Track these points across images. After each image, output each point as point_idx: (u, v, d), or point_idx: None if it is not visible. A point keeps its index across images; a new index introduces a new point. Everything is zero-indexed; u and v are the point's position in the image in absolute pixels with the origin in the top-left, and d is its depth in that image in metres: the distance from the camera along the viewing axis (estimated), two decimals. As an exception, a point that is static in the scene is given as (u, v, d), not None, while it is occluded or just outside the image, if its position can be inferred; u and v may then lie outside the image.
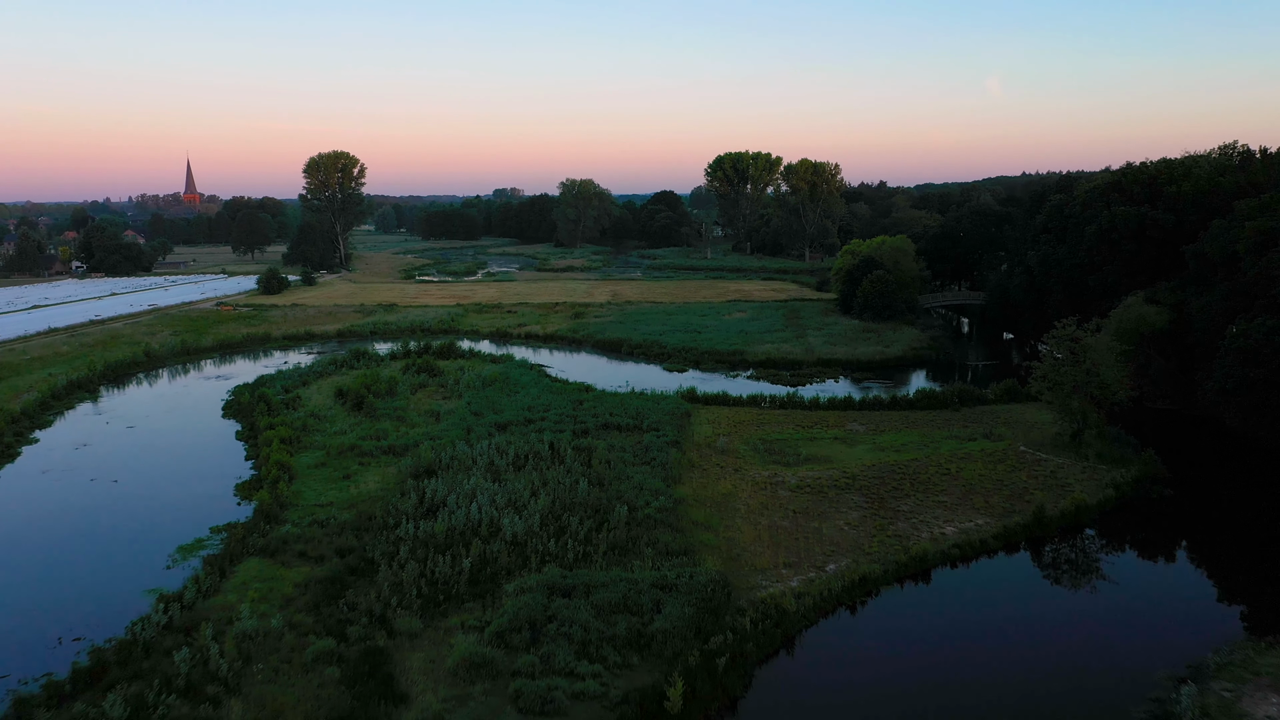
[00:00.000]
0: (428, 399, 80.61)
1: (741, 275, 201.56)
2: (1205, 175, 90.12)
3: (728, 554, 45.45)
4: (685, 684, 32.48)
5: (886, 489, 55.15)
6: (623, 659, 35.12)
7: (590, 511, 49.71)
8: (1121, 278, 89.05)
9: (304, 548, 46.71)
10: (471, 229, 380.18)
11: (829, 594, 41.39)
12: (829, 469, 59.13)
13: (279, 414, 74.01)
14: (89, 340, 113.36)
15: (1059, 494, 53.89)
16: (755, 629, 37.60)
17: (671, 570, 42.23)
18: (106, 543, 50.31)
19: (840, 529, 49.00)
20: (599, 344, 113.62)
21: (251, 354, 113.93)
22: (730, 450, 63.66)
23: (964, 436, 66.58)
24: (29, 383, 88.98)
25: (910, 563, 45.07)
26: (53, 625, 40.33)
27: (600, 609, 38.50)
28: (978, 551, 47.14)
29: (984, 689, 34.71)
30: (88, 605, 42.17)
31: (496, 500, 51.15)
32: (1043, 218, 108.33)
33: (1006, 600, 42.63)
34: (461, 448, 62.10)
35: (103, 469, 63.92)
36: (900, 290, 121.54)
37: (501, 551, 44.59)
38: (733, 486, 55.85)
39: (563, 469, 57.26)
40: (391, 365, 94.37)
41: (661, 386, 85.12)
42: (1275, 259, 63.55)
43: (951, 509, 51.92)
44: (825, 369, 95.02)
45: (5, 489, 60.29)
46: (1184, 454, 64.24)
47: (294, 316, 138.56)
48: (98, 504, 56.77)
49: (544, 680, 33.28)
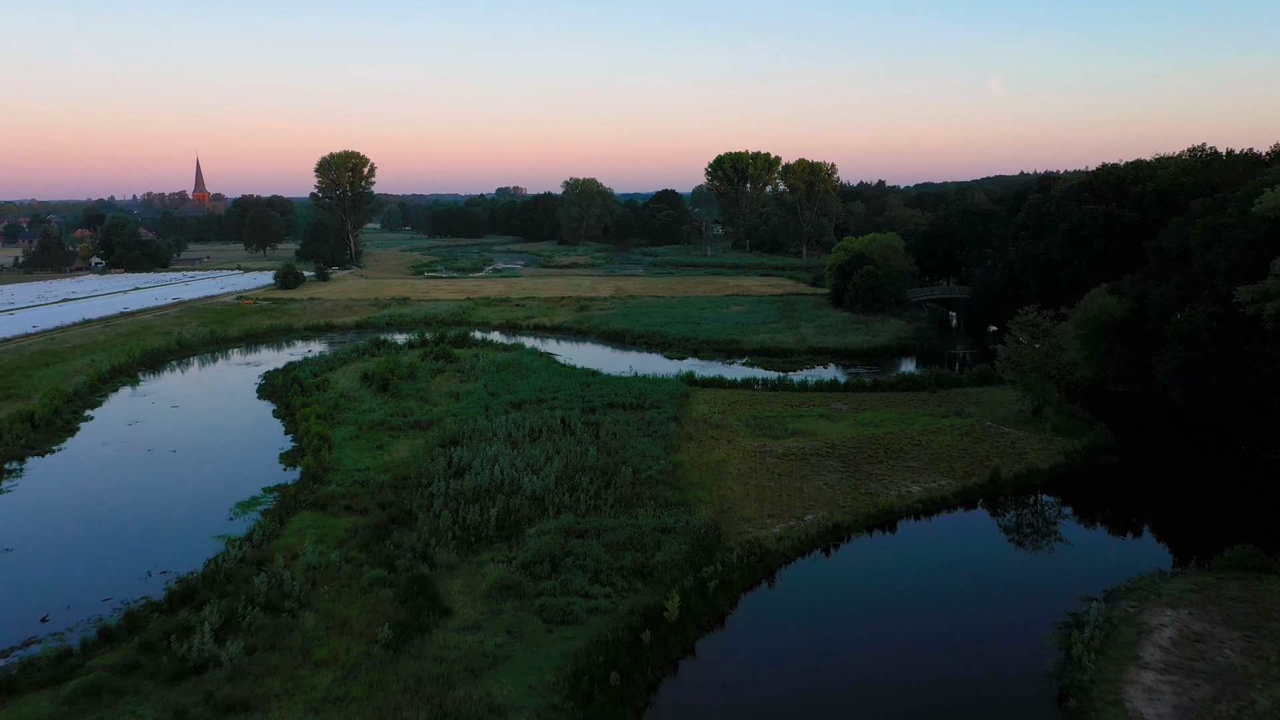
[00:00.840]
0: (446, 382, 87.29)
1: (740, 272, 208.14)
2: (1169, 176, 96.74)
3: (719, 507, 52.16)
4: (681, 601, 39.20)
5: (862, 457, 61.85)
6: (628, 584, 41.82)
7: (599, 473, 56.43)
8: (1090, 271, 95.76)
9: (349, 502, 53.45)
10: (476, 227, 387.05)
11: (806, 538, 48.14)
12: (812, 441, 65.82)
13: (311, 394, 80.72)
14: (123, 330, 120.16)
15: (1015, 460, 60.62)
16: (741, 563, 44.32)
17: (670, 518, 49.00)
18: (173, 500, 57.05)
19: (819, 488, 55.72)
20: (603, 334, 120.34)
21: (275, 344, 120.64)
22: (724, 425, 70.37)
23: (937, 414, 73.24)
24: (74, 368, 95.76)
25: (878, 514, 51.82)
26: (138, 564, 47.00)
27: (609, 547, 45.24)
28: (939, 507, 53.85)
29: (936, 611, 41.33)
30: (165, 548, 48.86)
31: (516, 464, 57.89)
32: (1022, 216, 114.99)
33: (960, 544, 49.36)
34: (482, 422, 68.88)
35: (157, 441, 70.72)
36: (889, 284, 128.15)
37: (522, 504, 51.32)
38: (725, 455, 62.56)
39: (573, 440, 63.97)
40: (410, 353, 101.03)
41: (662, 372, 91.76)
42: (1218, 253, 70.15)
43: (918, 473, 58.62)
44: (815, 357, 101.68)
45: (73, 458, 67.09)
46: (1134, 428, 70.91)
47: (313, 309, 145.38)
48: (159, 470, 63.57)
49: (563, 599, 40.00)
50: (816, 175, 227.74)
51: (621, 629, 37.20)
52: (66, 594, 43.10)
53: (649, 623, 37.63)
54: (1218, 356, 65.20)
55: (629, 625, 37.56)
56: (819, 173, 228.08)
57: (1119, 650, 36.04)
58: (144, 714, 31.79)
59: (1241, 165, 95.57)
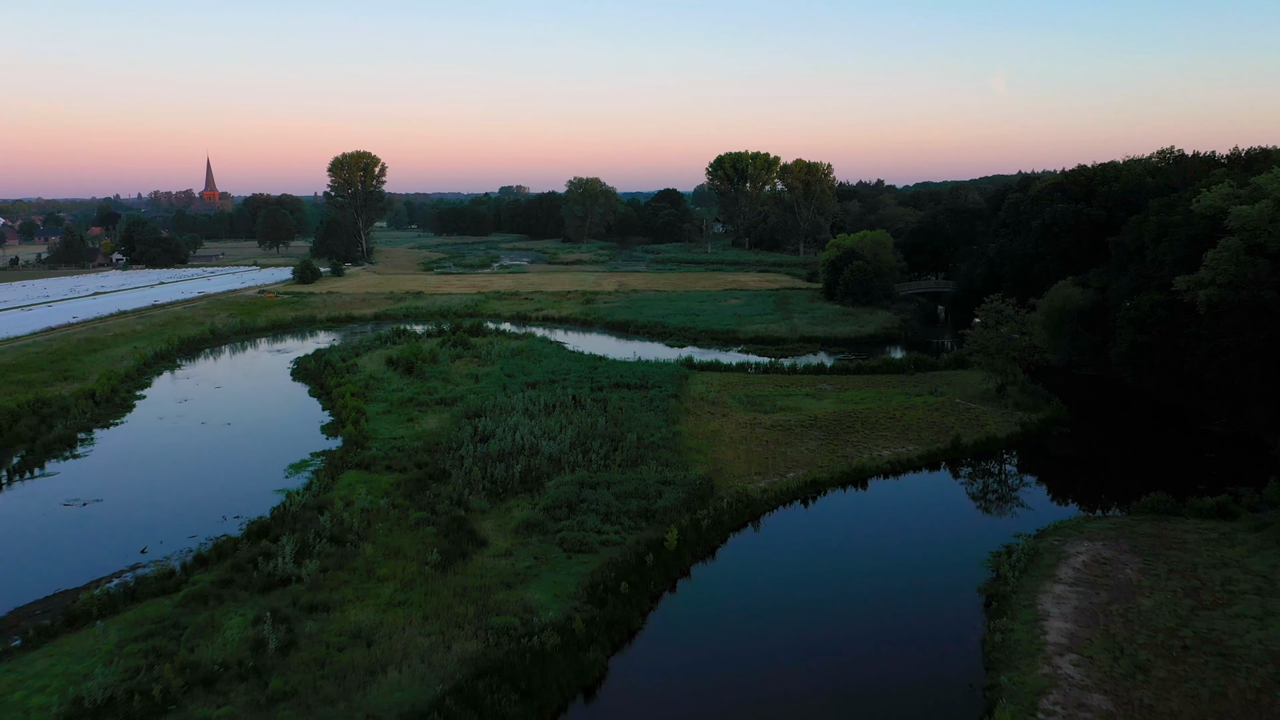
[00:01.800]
0: (465, 366, 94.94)
1: (739, 268, 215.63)
2: (1133, 177, 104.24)
3: (713, 466, 59.78)
4: (679, 535, 46.86)
5: (841, 428, 69.46)
6: (634, 524, 49.44)
7: (607, 439, 64.07)
8: (1061, 265, 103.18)
9: (389, 463, 61.09)
10: (482, 225, 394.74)
11: (787, 491, 55.82)
12: (798, 415, 73.44)
13: (343, 376, 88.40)
14: (157, 321, 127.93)
15: (977, 429, 68.24)
16: (730, 509, 51.95)
17: (670, 474, 56.68)
18: (231, 463, 64.80)
19: (801, 452, 63.35)
20: (608, 325, 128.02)
21: (299, 334, 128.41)
22: (719, 402, 77.98)
23: (912, 393, 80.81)
24: (119, 354, 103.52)
25: (852, 473, 59.45)
26: (212, 511, 54.61)
27: (618, 495, 52.89)
28: (906, 468, 61.45)
29: (895, 547, 48.94)
30: (233, 500, 56.50)
31: (534, 432, 65.57)
32: (1002, 214, 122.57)
33: (921, 497, 56.99)
34: (501, 398, 76.59)
35: (208, 416, 78.45)
36: (877, 279, 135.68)
37: (541, 464, 58.96)
38: (719, 426, 70.21)
39: (584, 413, 71.62)
40: (430, 341, 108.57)
41: (663, 358, 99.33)
42: (1165, 247, 77.67)
43: (890, 440, 66.24)
44: (806, 345, 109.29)
45: (135, 430, 74.83)
46: (1089, 405, 78.55)
47: (332, 302, 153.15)
48: (214, 439, 71.33)
49: (579, 533, 47.65)
50: (813, 175, 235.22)
51: (629, 555, 44.81)
52: (156, 533, 50.80)
53: (652, 550, 45.27)
54: (1161, 340, 72.66)
55: (635, 552, 45.17)
56: (816, 172, 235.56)
57: (1039, 570, 43.67)
58: (245, 613, 39.49)
59: (1197, 166, 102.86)
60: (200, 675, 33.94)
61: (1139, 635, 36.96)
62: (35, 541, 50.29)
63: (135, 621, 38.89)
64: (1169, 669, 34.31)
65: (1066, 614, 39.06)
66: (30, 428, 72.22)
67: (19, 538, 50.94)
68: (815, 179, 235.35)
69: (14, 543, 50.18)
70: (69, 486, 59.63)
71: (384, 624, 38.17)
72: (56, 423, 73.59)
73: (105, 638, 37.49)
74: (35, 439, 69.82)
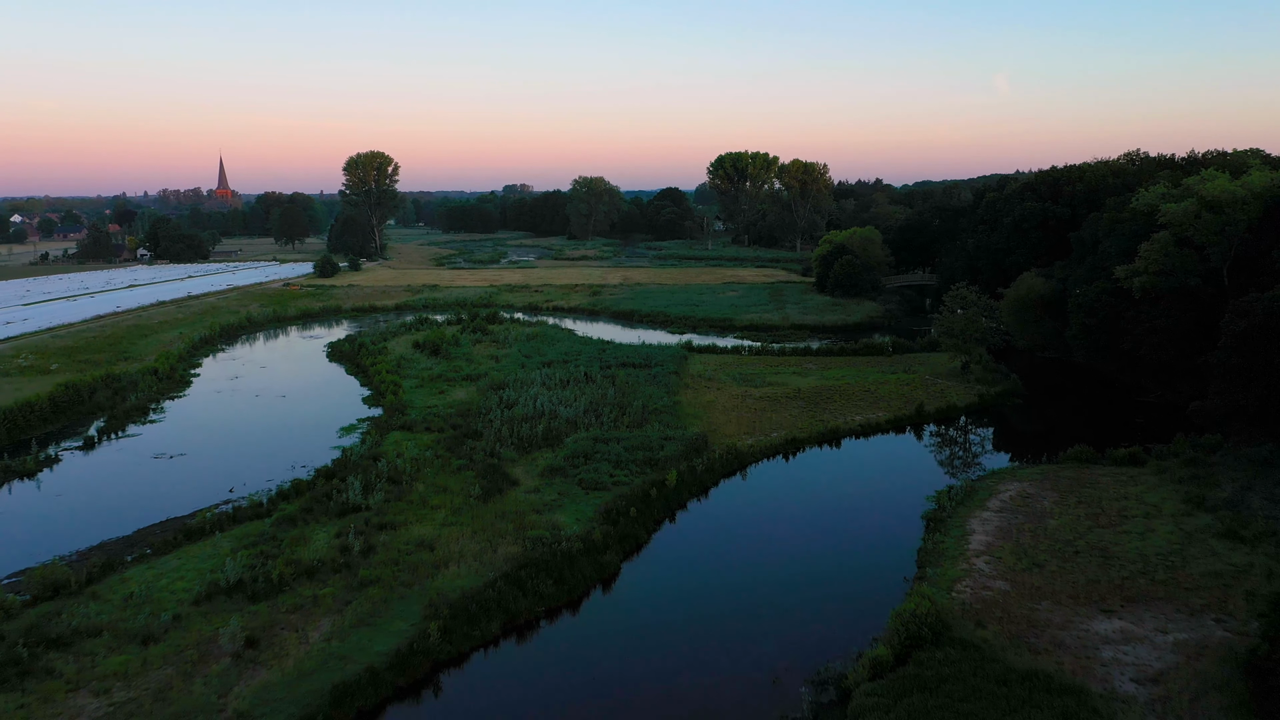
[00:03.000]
0: (485, 349, 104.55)
1: (738, 264, 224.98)
2: (1096, 177, 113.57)
3: (708, 428, 69.36)
4: (678, 477, 56.47)
5: (821, 399, 79.02)
6: (640, 469, 59.00)
7: (616, 406, 73.70)
8: (1029, 258, 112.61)
9: (428, 425, 70.68)
10: (489, 223, 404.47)
11: (770, 446, 65.40)
12: (784, 389, 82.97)
13: (377, 356, 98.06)
14: (195, 310, 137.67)
15: (940, 399, 77.77)
16: (721, 459, 61.55)
17: (671, 432, 66.31)
18: (289, 427, 74.48)
19: (785, 417, 72.92)
20: (614, 314, 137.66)
21: (327, 322, 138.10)
22: (714, 379, 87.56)
23: (887, 372, 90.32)
24: (167, 339, 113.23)
25: (827, 433, 69.03)
26: (282, 462, 64.15)
27: (626, 448, 62.49)
28: (875, 430, 71.04)
29: (860, 489, 58.54)
30: (297, 454, 66.05)
31: (552, 400, 75.21)
32: (980, 212, 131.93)
33: (886, 452, 66.58)
34: (521, 374, 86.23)
35: (261, 389, 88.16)
36: (865, 272, 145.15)
37: (560, 425, 68.59)
38: (714, 397, 79.80)
39: (595, 386, 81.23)
40: (451, 328, 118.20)
41: (665, 342, 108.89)
42: (1111, 241, 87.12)
43: (863, 408, 75.81)
44: (797, 332, 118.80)
45: (197, 401, 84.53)
46: (1045, 381, 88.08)
47: (354, 294, 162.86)
48: (271, 408, 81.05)
49: (594, 475, 57.25)
50: (810, 174, 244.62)
51: (636, 491, 54.40)
52: (237, 478, 60.39)
53: (655, 488, 54.87)
54: (1105, 323, 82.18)
55: (642, 489, 54.75)
56: (812, 172, 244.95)
57: (973, 502, 53.23)
58: (328, 530, 49.11)
59: (1153, 167, 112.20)
60: (303, 569, 43.58)
61: (1041, 544, 46.56)
62: (139, 483, 60.06)
63: (241, 536, 48.57)
64: (1059, 565, 43.89)
65: (988, 531, 48.65)
66: (107, 398, 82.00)
67: (124, 480, 60.73)
68: (812, 178, 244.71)
69: (120, 484, 59.95)
70: (153, 444, 69.38)
71: (441, 537, 47.82)
72: (129, 395, 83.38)
73: (221, 545, 47.18)
74: (114, 407, 79.63)
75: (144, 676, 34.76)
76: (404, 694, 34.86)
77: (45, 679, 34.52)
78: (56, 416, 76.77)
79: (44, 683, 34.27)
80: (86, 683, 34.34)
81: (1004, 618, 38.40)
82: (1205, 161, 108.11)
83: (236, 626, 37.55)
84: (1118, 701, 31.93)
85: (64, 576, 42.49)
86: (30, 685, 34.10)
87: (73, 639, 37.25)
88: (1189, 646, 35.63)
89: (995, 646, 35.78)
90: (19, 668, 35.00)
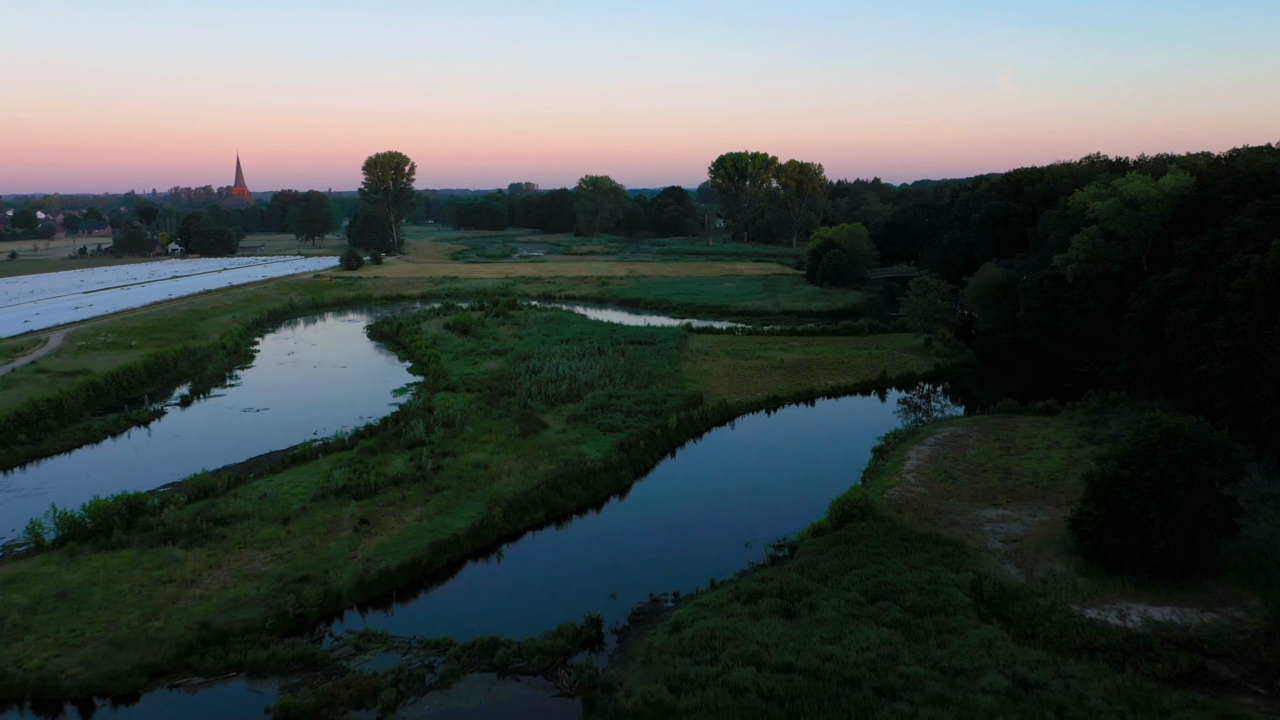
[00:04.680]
0: (508, 330, 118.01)
1: (736, 258, 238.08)
2: (1053, 178, 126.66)
3: (704, 389, 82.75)
4: (677, 421, 69.93)
5: (801, 368, 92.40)
6: (647, 418, 72.40)
7: (626, 372, 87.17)
8: (994, 251, 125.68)
9: (467, 387, 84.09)
10: (497, 220, 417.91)
11: (755, 403, 78.85)
12: (770, 361, 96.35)
13: (414, 335, 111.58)
14: (241, 297, 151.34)
15: (902, 369, 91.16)
16: (714, 411, 75.00)
17: (672, 390, 79.80)
18: (347, 389, 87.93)
19: (769, 382, 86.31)
20: (621, 302, 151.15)
21: (359, 309, 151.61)
22: (710, 353, 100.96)
23: (860, 348, 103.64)
24: (224, 321, 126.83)
25: (803, 394, 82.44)
26: (348, 414, 77.34)
27: (635, 402, 75.97)
28: (844, 392, 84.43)
29: (827, 434, 71.94)
30: (360, 408, 79.35)
31: (572, 368, 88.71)
32: (954, 209, 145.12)
33: (851, 408, 79.95)
34: (543, 349, 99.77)
35: (318, 361, 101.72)
36: (851, 265, 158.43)
37: (580, 386, 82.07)
38: (710, 367, 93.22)
39: (607, 358, 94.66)
40: (476, 313, 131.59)
41: (668, 325, 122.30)
42: (1055, 236, 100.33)
43: (836, 376, 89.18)
44: (786, 317, 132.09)
45: (265, 371, 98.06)
46: (998, 355, 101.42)
47: (381, 285, 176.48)
48: (329, 375, 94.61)
49: (610, 421, 70.72)
50: (805, 174, 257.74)
51: (644, 431, 67.87)
52: (316, 425, 73.69)
53: (660, 429, 68.37)
54: (1047, 305, 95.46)
55: (649, 430, 68.25)
56: (808, 172, 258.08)
57: (913, 440, 66.58)
58: (402, 456, 62.57)
59: (1103, 169, 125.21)
60: (390, 479, 57.05)
61: (959, 466, 59.96)
62: (236, 428, 73.66)
63: (335, 460, 62.06)
64: (969, 479, 57.30)
65: (920, 458, 62.05)
66: (188, 367, 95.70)
67: (224, 426, 74.36)
68: (807, 178, 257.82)
69: (222, 429, 73.53)
70: (239, 401, 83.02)
71: (493, 460, 61.33)
72: (207, 364, 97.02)
73: (322, 466, 60.76)
74: (196, 374, 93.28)
75: (290, 541, 48.26)
76: (478, 554, 48.32)
77: (220, 541, 48.04)
78: (151, 381, 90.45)
79: (220, 544, 47.78)
80: (250, 544, 47.85)
81: (917, 508, 51.84)
82: (1139, 165, 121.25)
83: (353, 509, 51.13)
84: (985, 551, 45.36)
85: (211, 483, 56.09)
86: (211, 545, 47.60)
87: (231, 520, 50.75)
88: (1047, 524, 49.04)
89: (906, 522, 49.23)
90: (201, 534, 48.54)
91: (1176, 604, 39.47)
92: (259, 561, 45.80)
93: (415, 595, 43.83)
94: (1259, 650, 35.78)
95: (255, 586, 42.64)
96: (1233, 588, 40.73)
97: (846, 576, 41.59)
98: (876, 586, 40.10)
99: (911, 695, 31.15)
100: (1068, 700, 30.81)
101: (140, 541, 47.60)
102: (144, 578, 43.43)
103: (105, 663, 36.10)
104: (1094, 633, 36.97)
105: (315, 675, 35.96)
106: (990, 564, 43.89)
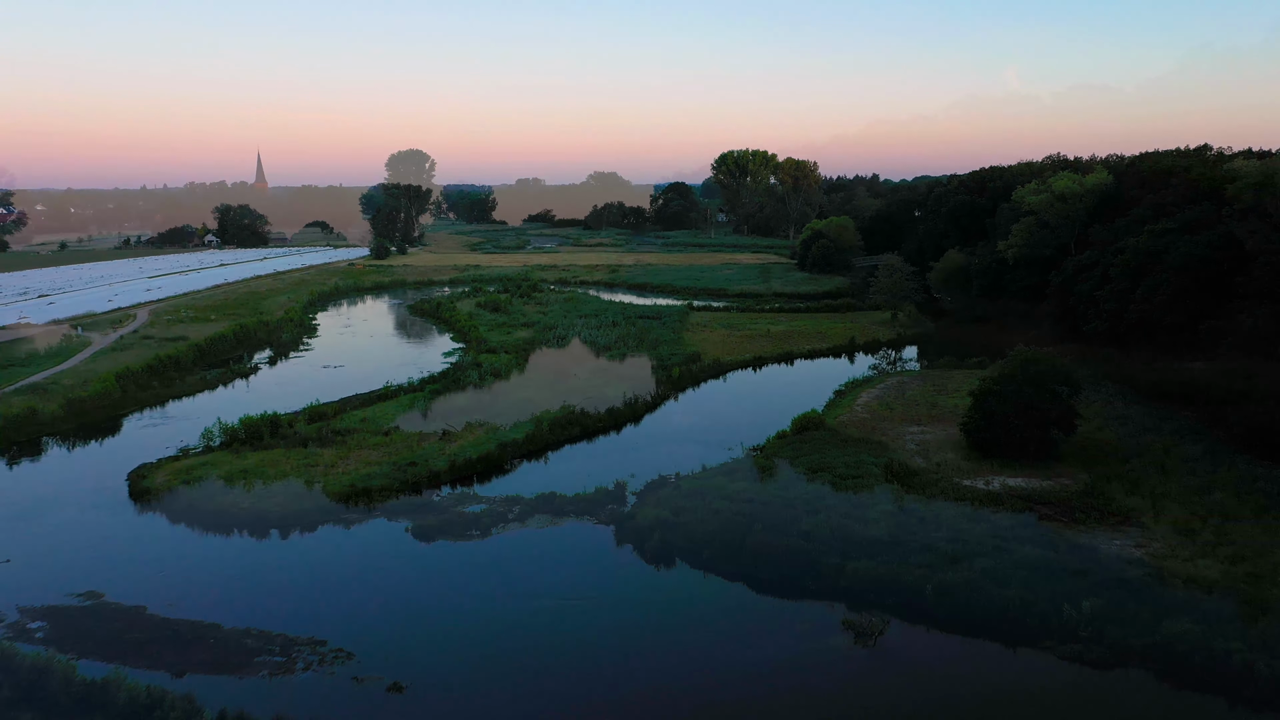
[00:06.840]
0: (533, 308, 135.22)
1: (736, 250, 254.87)
2: (1012, 176, 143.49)
3: (701, 350, 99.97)
4: (679, 372, 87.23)
5: (785, 337, 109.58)
6: (654, 370, 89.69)
7: (637, 338, 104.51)
8: (959, 240, 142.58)
9: (505, 350, 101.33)
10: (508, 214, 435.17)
11: (744, 361, 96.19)
12: (758, 331, 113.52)
13: (453, 311, 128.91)
14: (289, 281, 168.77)
15: (869, 337, 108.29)
16: (709, 366, 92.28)
17: (675, 351, 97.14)
18: (405, 352, 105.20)
19: (756, 346, 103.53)
20: (631, 286, 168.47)
21: (394, 293, 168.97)
22: (708, 326, 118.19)
23: (837, 322, 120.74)
24: (282, 301, 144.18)
25: (784, 355, 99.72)
26: (411, 370, 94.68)
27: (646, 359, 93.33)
28: (819, 355, 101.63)
29: (798, 383, 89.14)
30: (419, 366, 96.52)
31: (591, 335, 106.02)
32: (929, 203, 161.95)
33: (824, 366, 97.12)
34: (565, 322, 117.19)
35: (373, 332, 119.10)
36: (838, 254, 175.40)
37: (599, 348, 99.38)
38: (707, 335, 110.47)
39: (620, 328, 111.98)
40: (502, 295, 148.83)
41: (672, 304, 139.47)
42: (1004, 227, 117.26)
43: (814, 343, 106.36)
44: (777, 298, 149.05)
45: (329, 340, 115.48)
46: (954, 328, 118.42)
47: (411, 272, 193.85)
48: (387, 341, 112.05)
49: (625, 374, 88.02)
50: (802, 171, 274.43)
51: (652, 377, 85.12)
52: (387, 376, 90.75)
53: (664, 373, 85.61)
54: (994, 283, 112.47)
55: (656, 379, 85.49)
56: (804, 169, 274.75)
57: (867, 386, 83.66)
58: (463, 395, 79.82)
59: (1063, 168, 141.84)
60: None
61: (899, 402, 77.10)
62: (321, 379, 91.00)
63: (410, 399, 79.34)
64: (903, 409, 74.46)
65: (870, 398, 79.19)
66: (265, 336, 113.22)
67: (311, 378, 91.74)
68: (804, 174, 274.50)
69: (309, 380, 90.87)
70: (317, 360, 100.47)
71: (535, 396, 78.64)
72: (281, 334, 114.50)
73: (402, 401, 78.12)
74: (274, 341, 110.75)
75: (391, 445, 65.51)
76: (530, 455, 65.51)
77: (343, 444, 65.32)
78: (238, 346, 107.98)
79: (343, 446, 65.04)
80: (370, 447, 65.04)
81: (859, 425, 69.07)
82: (1074, 165, 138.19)
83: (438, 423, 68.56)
84: (901, 450, 62.55)
85: (322, 409, 73.47)
86: (337, 447, 64.86)
87: (345, 433, 68.04)
88: (952, 434, 66.19)
89: (848, 433, 66.46)
90: (327, 440, 65.86)
91: (1026, 476, 56.62)
92: (374, 456, 63.04)
93: (490, 478, 61.05)
94: (1070, 501, 52.90)
95: (379, 467, 59.98)
96: (1070, 467, 57.88)
97: (798, 460, 58.84)
98: (817, 464, 57.42)
99: (828, 513, 48.39)
100: (927, 514, 48.06)
101: (284, 444, 64.97)
102: (299, 463, 60.80)
103: (294, 504, 53.50)
104: (964, 491, 54.12)
105: (432, 515, 53.26)
106: (903, 455, 61.09)
